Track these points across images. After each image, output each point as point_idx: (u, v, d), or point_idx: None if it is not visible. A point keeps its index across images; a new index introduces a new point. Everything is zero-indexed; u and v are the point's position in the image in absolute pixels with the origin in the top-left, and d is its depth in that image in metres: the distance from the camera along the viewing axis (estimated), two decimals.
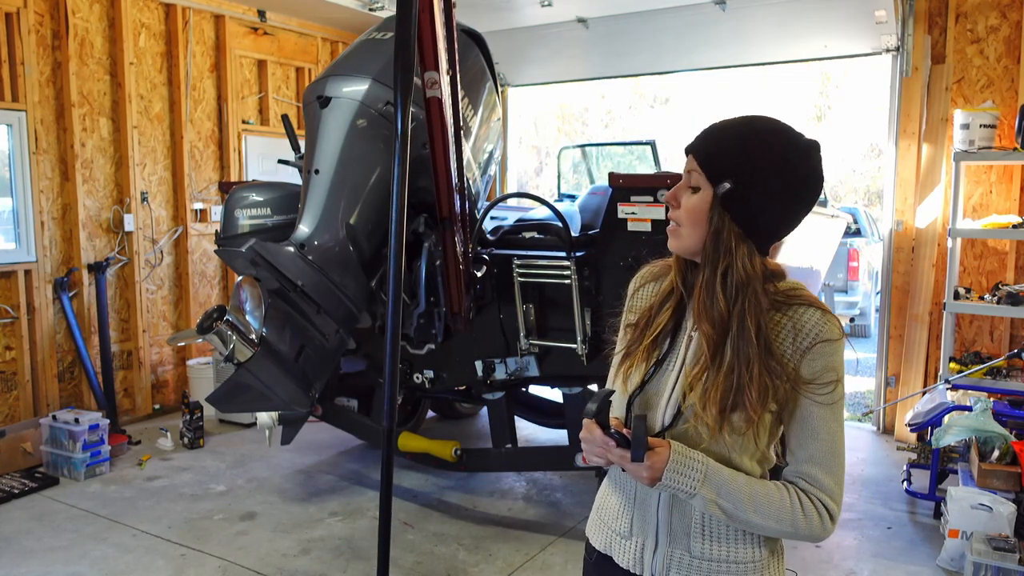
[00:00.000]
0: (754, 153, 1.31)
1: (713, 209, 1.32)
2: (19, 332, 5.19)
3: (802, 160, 1.34)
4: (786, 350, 1.33)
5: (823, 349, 1.32)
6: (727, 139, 1.34)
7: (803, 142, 1.35)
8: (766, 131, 1.34)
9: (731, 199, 1.31)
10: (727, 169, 1.31)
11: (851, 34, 5.81)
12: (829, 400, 1.32)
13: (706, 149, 1.35)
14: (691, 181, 1.36)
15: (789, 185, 1.32)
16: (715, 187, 1.32)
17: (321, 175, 3.64)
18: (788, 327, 1.34)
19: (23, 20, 5.09)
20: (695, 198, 1.34)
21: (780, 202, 1.33)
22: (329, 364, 3.74)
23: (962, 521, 3.56)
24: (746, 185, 1.30)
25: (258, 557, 3.74)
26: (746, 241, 1.32)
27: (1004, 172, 5.42)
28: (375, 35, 4.14)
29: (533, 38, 6.89)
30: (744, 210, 1.31)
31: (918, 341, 5.65)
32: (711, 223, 1.32)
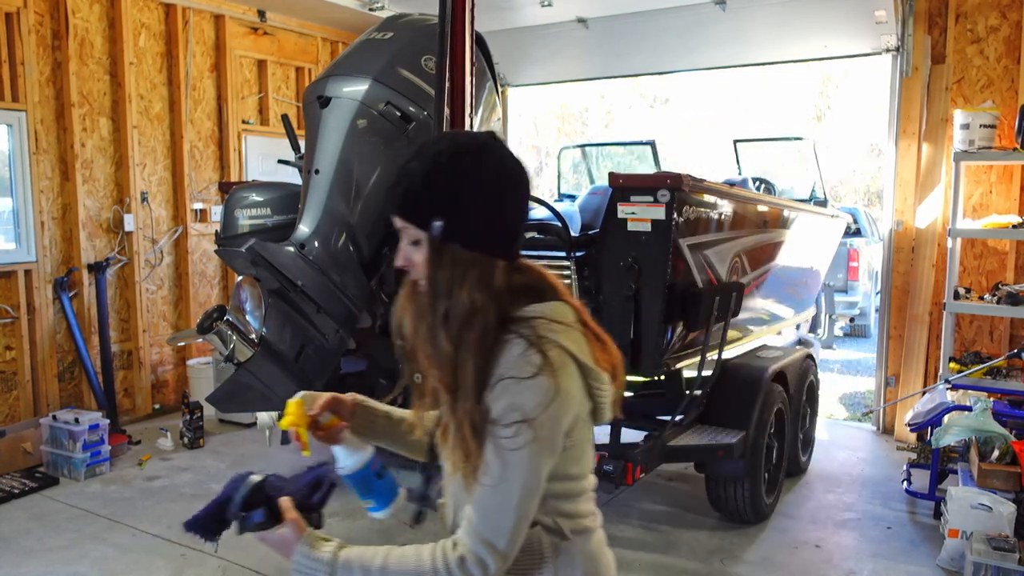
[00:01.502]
0: (440, 180, 1.27)
1: (432, 252, 1.27)
2: (19, 332, 5.19)
3: (488, 155, 1.29)
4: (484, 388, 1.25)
5: (507, 387, 1.22)
6: (413, 184, 1.29)
7: (474, 144, 1.31)
8: (438, 154, 1.29)
9: (450, 232, 1.26)
10: (428, 207, 1.27)
11: (851, 34, 5.81)
12: (509, 445, 1.22)
13: (402, 203, 1.30)
14: (409, 238, 1.31)
15: (488, 181, 1.28)
16: (429, 231, 1.27)
17: (321, 175, 3.64)
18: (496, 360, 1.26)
19: (23, 20, 5.09)
20: (422, 250, 1.29)
21: (494, 203, 1.29)
22: (329, 364, 3.74)
23: (962, 521, 3.56)
24: (454, 210, 1.26)
25: (258, 557, 3.73)
26: (480, 264, 1.27)
27: (1004, 172, 5.42)
28: (375, 35, 4.13)
29: (533, 38, 6.89)
30: (469, 235, 1.27)
31: (918, 341, 5.65)
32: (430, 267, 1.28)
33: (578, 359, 1.29)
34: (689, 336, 3.98)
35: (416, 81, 3.83)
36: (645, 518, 4.20)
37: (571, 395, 1.27)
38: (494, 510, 1.24)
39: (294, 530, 1.28)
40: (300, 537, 1.28)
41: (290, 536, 1.28)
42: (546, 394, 1.23)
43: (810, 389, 5.05)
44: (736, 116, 17.84)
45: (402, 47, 3.96)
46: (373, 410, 1.54)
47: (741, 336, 4.89)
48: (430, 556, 1.24)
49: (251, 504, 1.27)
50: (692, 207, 3.66)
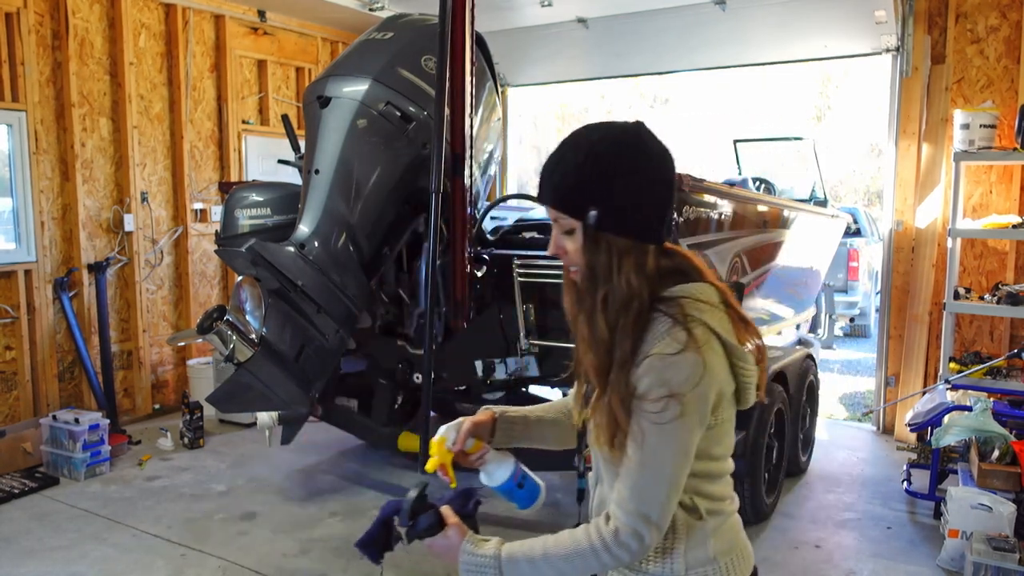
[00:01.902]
0: (595, 170, 1.30)
1: (587, 240, 1.32)
2: (19, 332, 5.19)
3: (639, 144, 1.32)
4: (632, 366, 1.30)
5: (652, 364, 1.27)
6: (567, 175, 1.32)
7: (626, 135, 1.33)
8: (591, 144, 1.32)
9: (605, 221, 1.30)
10: (584, 197, 1.30)
11: (851, 34, 5.81)
12: (657, 420, 1.26)
13: (555, 193, 1.34)
14: (562, 227, 1.35)
15: (640, 169, 1.31)
16: (583, 220, 1.31)
17: (321, 175, 3.64)
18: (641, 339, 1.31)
19: (23, 20, 5.09)
20: (576, 239, 1.34)
21: (646, 190, 1.32)
22: (329, 364, 3.74)
23: (962, 521, 3.56)
24: (608, 200, 1.29)
25: (258, 557, 3.74)
26: (635, 250, 1.31)
27: (1004, 172, 5.42)
28: (375, 35, 4.14)
29: (533, 38, 6.89)
30: (623, 222, 1.30)
31: (918, 341, 5.65)
32: (585, 254, 1.33)
33: (722, 337, 1.32)
34: None
35: (416, 81, 3.84)
36: None
37: (716, 372, 1.30)
38: (645, 483, 1.27)
39: (458, 533, 1.37)
40: (464, 539, 1.36)
41: (455, 539, 1.36)
42: (693, 369, 1.26)
43: (810, 389, 5.05)
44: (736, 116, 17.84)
45: (402, 47, 3.96)
46: (511, 420, 1.58)
47: None
48: (585, 535, 1.30)
49: (416, 513, 1.39)
50: (692, 207, 3.66)
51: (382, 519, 1.44)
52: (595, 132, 1.35)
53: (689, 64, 6.98)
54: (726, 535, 1.41)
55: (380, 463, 5.06)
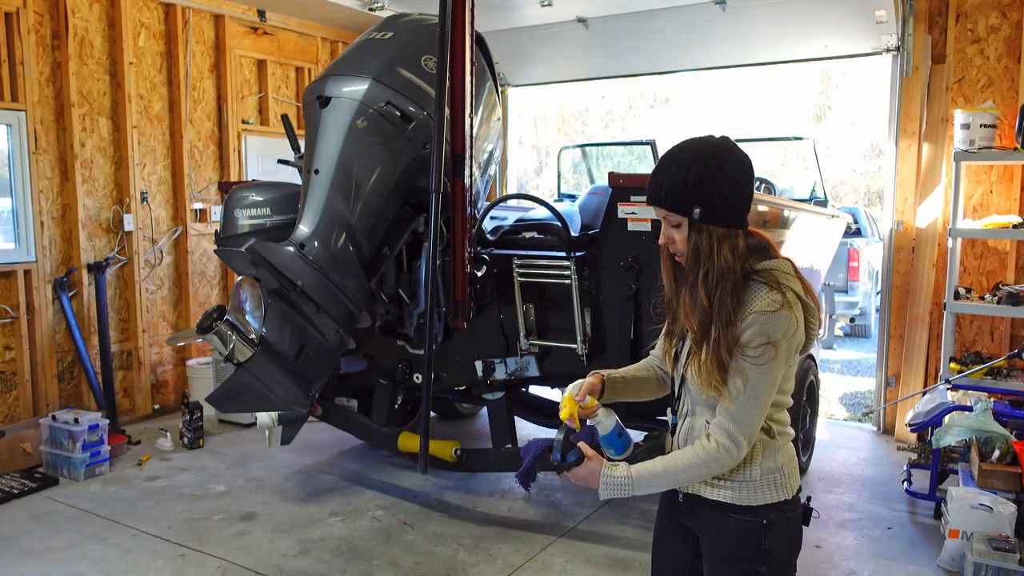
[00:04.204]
0: (696, 174, 1.67)
1: (692, 231, 1.69)
2: (19, 332, 5.19)
3: (727, 154, 1.71)
4: (737, 320, 1.68)
5: (756, 319, 1.66)
6: (674, 178, 1.69)
7: (717, 142, 1.73)
8: (691, 152, 1.70)
9: (706, 215, 1.67)
10: (689, 199, 1.67)
11: (851, 34, 5.81)
12: (757, 361, 1.66)
13: (664, 195, 1.71)
14: (672, 223, 1.73)
15: (730, 174, 1.69)
16: (690, 217, 1.68)
17: (321, 175, 3.64)
18: (743, 300, 1.68)
19: (23, 20, 5.08)
20: (682, 231, 1.72)
21: (735, 190, 1.69)
22: (329, 364, 3.74)
23: (962, 521, 3.56)
24: (708, 199, 1.67)
25: (258, 557, 3.73)
26: (729, 236, 1.69)
27: (1004, 172, 5.42)
28: (375, 35, 4.13)
29: (533, 38, 6.88)
30: (719, 215, 1.68)
31: (918, 341, 5.65)
32: (690, 242, 1.70)
33: (803, 299, 1.72)
34: None
35: (416, 81, 3.83)
36: (645, 518, 4.20)
37: (800, 326, 1.70)
38: (743, 410, 1.68)
39: (597, 463, 1.75)
40: (602, 466, 1.74)
41: (596, 466, 1.74)
42: (788, 323, 1.67)
43: (810, 389, 5.05)
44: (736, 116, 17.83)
45: (402, 47, 3.95)
46: (614, 380, 1.93)
47: None
48: (694, 452, 1.73)
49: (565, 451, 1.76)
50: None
51: (535, 456, 1.81)
52: (692, 146, 1.72)
53: (689, 64, 6.97)
54: (788, 451, 1.83)
55: (380, 463, 5.06)
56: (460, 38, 3.58)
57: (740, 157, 1.72)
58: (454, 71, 3.59)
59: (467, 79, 3.64)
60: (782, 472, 1.79)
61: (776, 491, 1.78)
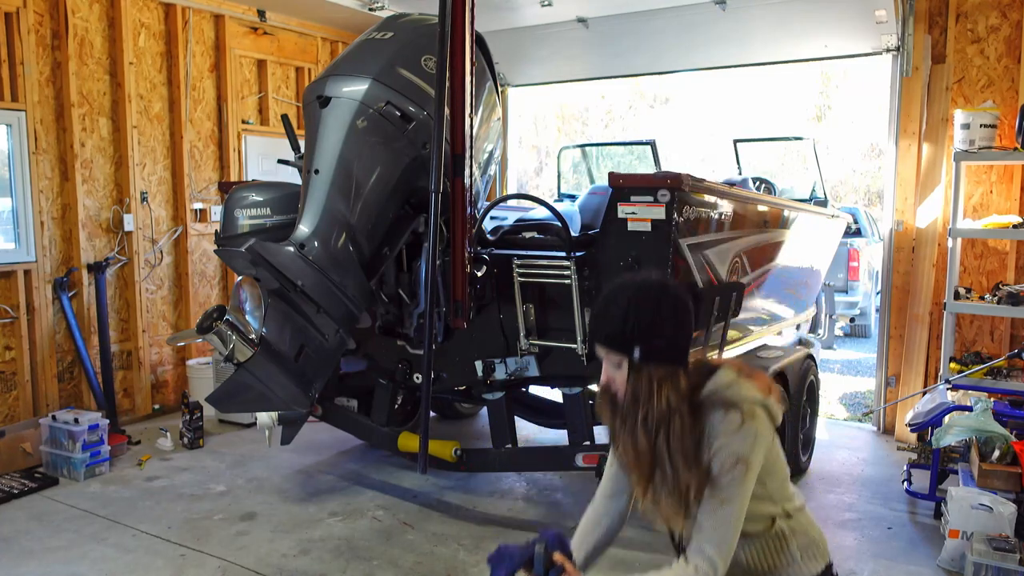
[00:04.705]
0: (637, 314, 1.66)
1: (632, 372, 1.66)
2: (19, 332, 5.19)
3: (667, 294, 1.69)
4: (704, 454, 1.65)
5: (721, 442, 1.63)
6: (614, 318, 1.68)
7: (657, 282, 1.72)
8: (632, 292, 1.69)
9: (647, 356, 1.65)
10: (629, 338, 1.65)
11: (851, 34, 5.81)
12: (731, 483, 1.62)
13: (605, 335, 1.70)
14: (613, 362, 1.70)
15: (670, 314, 1.68)
16: (631, 357, 1.65)
17: (321, 175, 3.64)
18: (706, 430, 1.66)
19: (23, 20, 5.08)
20: (623, 371, 1.68)
21: (676, 330, 1.69)
22: (329, 364, 3.73)
23: (962, 521, 3.56)
24: (648, 339, 1.65)
25: (258, 557, 3.73)
26: (672, 374, 1.66)
27: (1004, 172, 5.42)
28: (375, 35, 4.13)
29: (533, 38, 6.88)
30: (660, 355, 1.66)
31: (918, 341, 5.65)
32: (629, 383, 1.67)
33: (759, 401, 1.70)
34: None
35: (416, 81, 3.83)
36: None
37: (766, 428, 1.69)
38: (719, 531, 1.63)
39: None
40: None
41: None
42: (754, 436, 1.65)
43: (810, 389, 5.05)
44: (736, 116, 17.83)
45: (402, 47, 3.95)
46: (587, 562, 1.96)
47: (741, 336, 4.89)
48: (671, 571, 1.65)
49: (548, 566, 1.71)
50: (692, 207, 3.66)
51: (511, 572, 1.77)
52: (633, 286, 1.72)
53: (689, 64, 6.97)
54: (809, 519, 1.85)
55: (380, 463, 5.06)
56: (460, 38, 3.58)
57: (680, 296, 1.72)
58: (454, 71, 3.60)
59: (467, 79, 3.64)
60: (815, 543, 1.83)
61: (817, 561, 1.82)
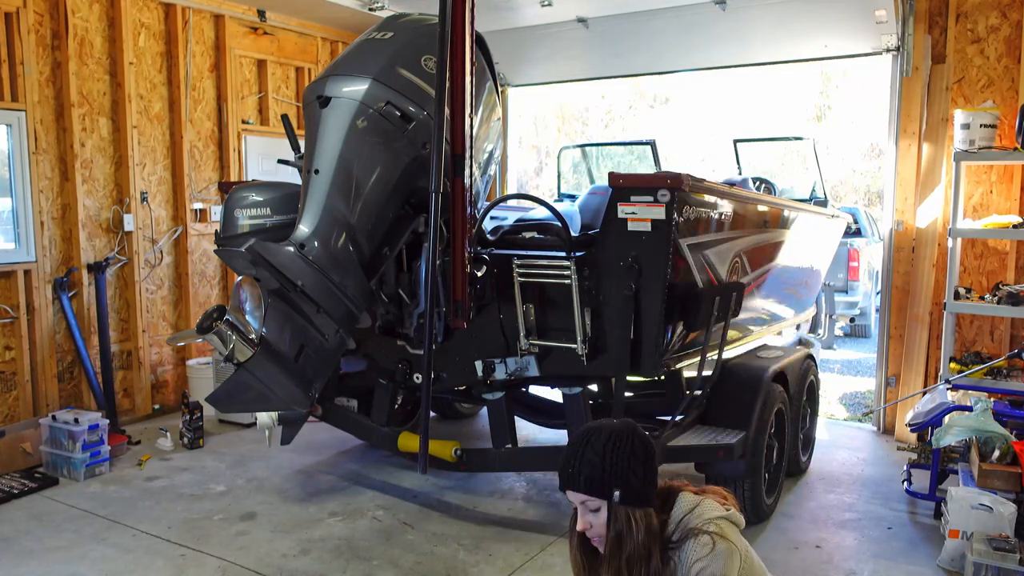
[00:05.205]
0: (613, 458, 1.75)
1: (611, 515, 1.75)
2: (19, 332, 5.19)
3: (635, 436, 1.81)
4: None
5: (698, 568, 1.72)
6: (591, 463, 1.77)
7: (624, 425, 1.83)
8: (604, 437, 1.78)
9: (625, 497, 1.75)
10: (608, 482, 1.75)
11: (851, 34, 5.81)
12: None
13: (584, 480, 1.77)
14: (590, 508, 1.79)
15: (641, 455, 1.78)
16: (610, 500, 1.75)
17: (321, 175, 3.63)
18: (678, 564, 1.74)
19: (23, 20, 5.08)
20: (601, 516, 1.78)
21: (646, 468, 1.79)
22: (329, 364, 3.73)
23: (962, 521, 3.56)
24: (626, 481, 1.75)
25: (258, 557, 3.73)
26: (644, 512, 1.76)
27: (1004, 172, 5.42)
28: (375, 35, 4.12)
29: (533, 38, 6.88)
30: (637, 495, 1.76)
31: (918, 341, 5.65)
32: (610, 525, 1.75)
33: (722, 516, 1.79)
34: (689, 336, 3.98)
35: (416, 81, 3.83)
36: None
37: (737, 539, 1.79)
38: None
39: None
40: None
41: None
42: (726, 553, 1.74)
43: (810, 389, 5.05)
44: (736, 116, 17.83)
45: (402, 47, 3.95)
46: None
47: (741, 336, 4.89)
48: None
49: None
50: (692, 207, 3.66)
51: None
52: (604, 431, 1.81)
53: (689, 64, 6.97)
54: None
55: (380, 463, 5.06)
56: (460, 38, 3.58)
57: (645, 438, 1.83)
58: (454, 71, 3.59)
59: (467, 79, 3.64)
60: None
61: None
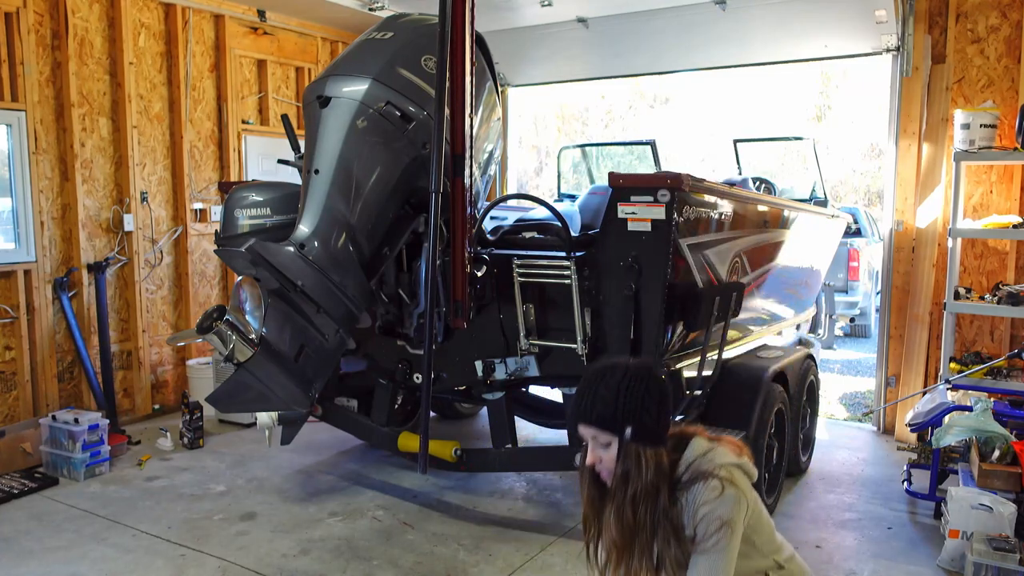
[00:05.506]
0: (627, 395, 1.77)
1: (622, 450, 1.77)
2: (19, 332, 5.19)
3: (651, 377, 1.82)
4: (687, 524, 1.74)
5: (705, 511, 1.73)
6: (605, 399, 1.78)
7: (641, 365, 1.85)
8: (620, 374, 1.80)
9: (637, 435, 1.76)
10: (621, 418, 1.76)
11: (851, 34, 5.81)
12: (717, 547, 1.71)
13: (596, 415, 1.79)
14: (601, 442, 1.80)
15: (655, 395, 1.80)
16: (621, 436, 1.77)
17: (321, 175, 3.64)
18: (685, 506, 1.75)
19: (23, 20, 5.08)
20: (612, 451, 1.79)
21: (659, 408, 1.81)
22: (329, 364, 3.73)
23: (962, 521, 3.56)
24: (639, 419, 1.76)
25: (258, 557, 3.73)
26: (655, 451, 1.77)
27: (1004, 172, 5.42)
28: (375, 35, 4.13)
29: (533, 38, 6.88)
30: (649, 434, 1.77)
31: (918, 341, 5.65)
32: (619, 462, 1.77)
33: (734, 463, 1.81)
34: (689, 336, 3.98)
35: (416, 81, 3.83)
36: None
37: (746, 488, 1.80)
38: None
39: None
40: None
41: None
42: (735, 499, 1.75)
43: (810, 389, 5.05)
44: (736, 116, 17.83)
45: (402, 47, 3.95)
46: None
47: (741, 336, 4.89)
48: None
49: None
50: (692, 207, 3.66)
51: None
52: (619, 368, 1.83)
53: (689, 64, 6.97)
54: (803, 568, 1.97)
55: (380, 463, 5.06)
56: (460, 38, 3.58)
57: (661, 380, 1.85)
58: (454, 71, 3.60)
59: (467, 79, 3.64)
60: None
61: None
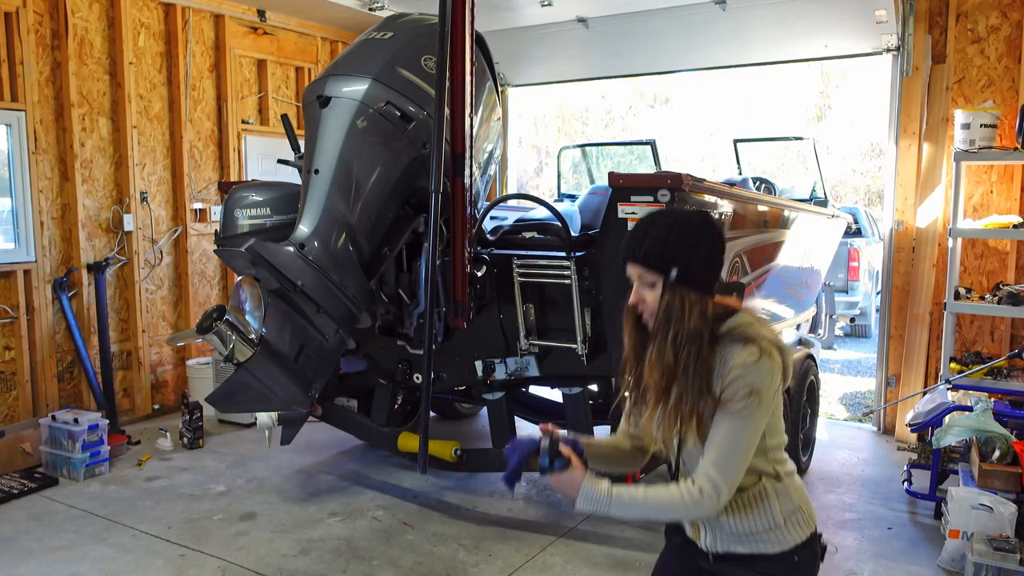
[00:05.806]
0: (677, 237, 1.75)
1: (666, 292, 1.74)
2: (18, 332, 5.19)
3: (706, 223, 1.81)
4: (716, 381, 1.72)
5: (739, 373, 1.69)
6: (654, 238, 1.76)
7: (698, 212, 1.87)
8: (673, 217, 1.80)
9: (682, 278, 1.73)
10: (668, 259, 1.73)
11: (851, 34, 5.80)
12: (742, 413, 1.69)
13: (643, 253, 1.76)
14: (646, 282, 1.77)
15: (707, 241, 1.77)
16: (666, 277, 1.73)
17: (321, 175, 3.63)
18: (719, 361, 1.73)
19: (22, 20, 5.08)
20: (656, 291, 1.76)
21: (710, 257, 1.78)
22: (329, 364, 3.73)
23: (963, 521, 3.56)
24: (686, 262, 1.73)
25: (258, 557, 3.73)
26: (700, 300, 1.74)
27: (1005, 172, 5.42)
28: (375, 35, 4.13)
29: (533, 38, 6.88)
30: (694, 279, 1.74)
31: (919, 341, 5.65)
32: (662, 302, 1.74)
33: (777, 344, 1.76)
34: None
35: (416, 81, 3.83)
36: None
37: (779, 371, 1.74)
38: (728, 459, 1.70)
39: (581, 472, 1.75)
40: (584, 476, 1.74)
41: (579, 477, 1.74)
42: (769, 370, 1.71)
43: (810, 389, 5.04)
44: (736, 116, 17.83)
45: (402, 47, 3.95)
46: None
47: None
48: (677, 490, 1.72)
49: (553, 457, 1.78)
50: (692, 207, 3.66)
51: (522, 458, 1.80)
52: (674, 212, 1.85)
53: (689, 64, 6.97)
54: (798, 487, 1.88)
55: (380, 463, 5.06)
56: (460, 38, 3.58)
57: (717, 229, 1.83)
58: (454, 71, 3.60)
59: (467, 79, 3.64)
60: (801, 510, 1.85)
61: (801, 529, 1.83)
